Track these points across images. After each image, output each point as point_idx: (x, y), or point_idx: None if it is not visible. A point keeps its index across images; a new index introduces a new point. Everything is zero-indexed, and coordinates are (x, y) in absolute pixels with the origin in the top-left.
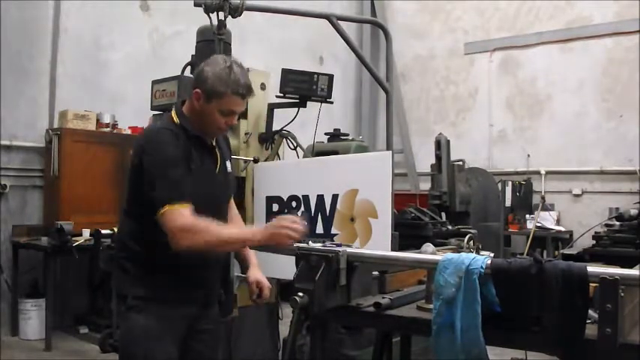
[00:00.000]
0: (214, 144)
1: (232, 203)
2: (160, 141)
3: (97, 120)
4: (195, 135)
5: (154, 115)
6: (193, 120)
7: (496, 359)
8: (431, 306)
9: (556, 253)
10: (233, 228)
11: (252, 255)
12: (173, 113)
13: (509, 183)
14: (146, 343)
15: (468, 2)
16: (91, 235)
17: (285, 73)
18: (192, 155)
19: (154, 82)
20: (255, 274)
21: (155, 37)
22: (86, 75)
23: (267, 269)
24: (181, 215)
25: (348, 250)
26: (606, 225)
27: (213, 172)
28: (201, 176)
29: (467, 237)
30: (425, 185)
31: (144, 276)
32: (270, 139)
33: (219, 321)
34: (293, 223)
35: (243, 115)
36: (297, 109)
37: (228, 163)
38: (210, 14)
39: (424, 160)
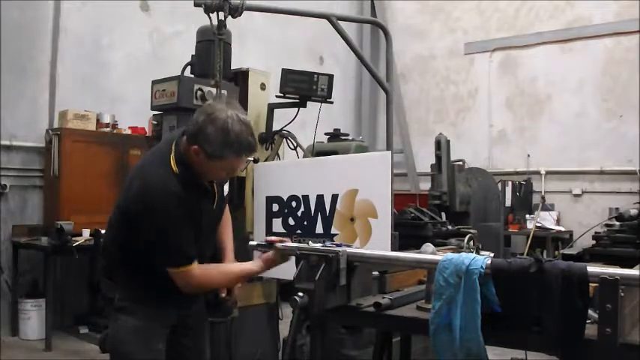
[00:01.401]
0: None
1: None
2: (164, 209)
3: (97, 120)
4: (193, 182)
5: (154, 114)
6: (193, 167)
7: (496, 359)
8: (431, 306)
9: (556, 253)
10: (234, 268)
11: (230, 252)
12: (172, 160)
13: (509, 183)
14: (135, 343)
15: (468, 2)
16: (91, 235)
17: (285, 73)
18: (193, 209)
19: (154, 82)
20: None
21: (155, 37)
22: (86, 75)
23: None
24: (191, 276)
25: (348, 250)
26: (606, 225)
27: (211, 211)
28: (200, 223)
29: (467, 237)
30: (425, 185)
31: (130, 281)
32: (270, 139)
33: (203, 317)
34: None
35: None
36: (297, 109)
37: (225, 186)
38: (210, 14)
39: (424, 160)
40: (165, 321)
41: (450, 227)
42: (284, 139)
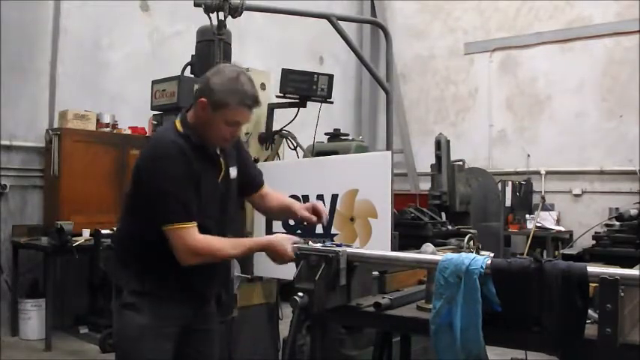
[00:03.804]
0: (218, 152)
1: (265, 189)
2: (168, 157)
3: (97, 120)
4: (198, 145)
5: (154, 114)
6: (198, 129)
7: (496, 359)
8: (431, 306)
9: (556, 253)
10: (232, 241)
11: (295, 203)
12: (177, 122)
13: (509, 183)
14: (141, 341)
15: (468, 2)
16: (91, 235)
17: (285, 73)
18: (197, 169)
19: (154, 82)
20: (306, 205)
21: (155, 37)
22: (86, 75)
23: (267, 269)
24: (189, 236)
25: (348, 250)
26: (606, 225)
27: (216, 183)
28: (204, 189)
29: (467, 237)
30: (425, 185)
31: (143, 272)
32: (270, 139)
33: (215, 320)
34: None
35: None
36: (297, 109)
37: (233, 170)
38: (210, 14)
39: (424, 160)
40: (175, 320)
41: (450, 227)
42: (284, 139)
